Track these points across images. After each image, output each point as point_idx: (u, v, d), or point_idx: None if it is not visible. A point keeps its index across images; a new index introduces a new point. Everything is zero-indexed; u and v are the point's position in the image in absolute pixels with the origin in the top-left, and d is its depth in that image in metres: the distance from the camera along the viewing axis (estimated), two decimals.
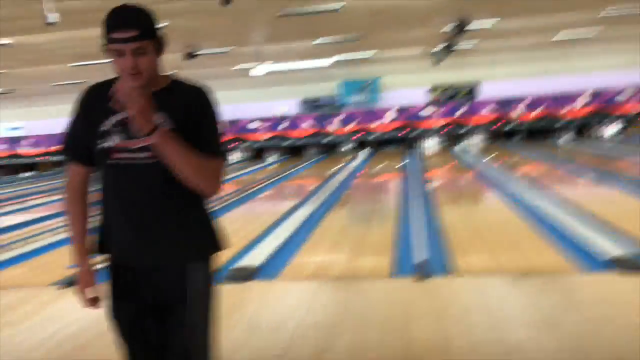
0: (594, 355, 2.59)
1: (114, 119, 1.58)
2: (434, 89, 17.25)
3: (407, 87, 17.25)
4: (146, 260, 1.60)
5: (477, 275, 3.97)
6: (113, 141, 1.58)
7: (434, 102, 17.23)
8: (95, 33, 2.22)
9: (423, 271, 4.03)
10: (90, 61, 11.14)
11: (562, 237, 4.82)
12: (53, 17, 4.77)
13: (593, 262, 4.07)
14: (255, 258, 4.71)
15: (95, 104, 1.63)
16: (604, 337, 2.76)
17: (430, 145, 17.03)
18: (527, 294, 3.46)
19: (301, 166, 14.87)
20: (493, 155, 13.71)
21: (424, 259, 4.35)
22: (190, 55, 10.49)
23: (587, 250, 4.37)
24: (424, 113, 17.14)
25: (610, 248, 4.23)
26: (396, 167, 13.01)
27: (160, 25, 1.57)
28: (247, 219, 7.12)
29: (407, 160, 13.94)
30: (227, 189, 10.19)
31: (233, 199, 8.78)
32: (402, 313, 3.31)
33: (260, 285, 3.89)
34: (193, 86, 1.64)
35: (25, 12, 6.06)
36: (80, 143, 1.66)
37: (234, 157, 17.72)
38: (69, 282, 4.29)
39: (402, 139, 17.26)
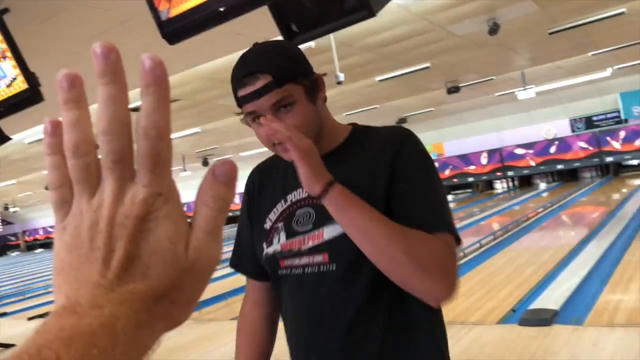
0: None
1: (279, 208, 1.14)
2: None
3: None
4: None
5: None
6: (279, 242, 1.12)
7: None
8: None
9: None
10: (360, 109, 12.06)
11: None
12: (341, 76, 5.30)
13: None
14: (551, 299, 4.34)
15: (260, 189, 1.21)
16: None
17: None
18: None
19: (579, 192, 13.72)
20: None
21: None
22: (453, 90, 10.52)
23: None
24: None
25: None
26: None
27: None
28: (531, 254, 6.61)
29: None
30: (500, 221, 9.84)
31: (509, 233, 8.35)
32: None
33: (565, 330, 3.51)
34: (390, 131, 1.13)
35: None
36: (245, 249, 1.24)
37: (499, 187, 17.12)
38: None
39: None
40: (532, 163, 16.88)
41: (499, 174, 17.38)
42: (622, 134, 15.67)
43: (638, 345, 3.13)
